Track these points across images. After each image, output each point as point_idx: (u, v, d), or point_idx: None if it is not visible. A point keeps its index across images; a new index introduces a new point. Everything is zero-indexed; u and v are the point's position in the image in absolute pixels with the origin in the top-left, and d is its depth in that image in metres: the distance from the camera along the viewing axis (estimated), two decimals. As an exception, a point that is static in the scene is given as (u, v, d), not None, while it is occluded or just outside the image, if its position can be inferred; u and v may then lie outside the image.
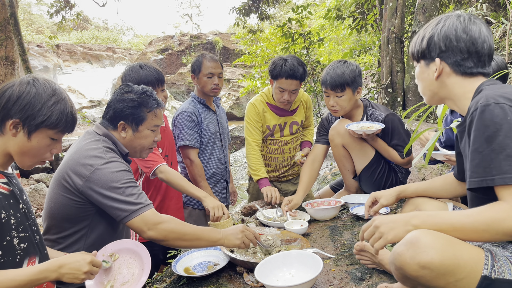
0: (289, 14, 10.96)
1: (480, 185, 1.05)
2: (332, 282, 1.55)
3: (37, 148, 1.28)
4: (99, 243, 1.60)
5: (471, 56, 1.21)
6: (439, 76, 1.26)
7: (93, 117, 16.31)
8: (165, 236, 1.52)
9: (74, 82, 19.66)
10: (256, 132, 2.67)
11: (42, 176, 7.99)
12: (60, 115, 1.27)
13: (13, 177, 1.31)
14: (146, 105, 1.68)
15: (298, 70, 2.46)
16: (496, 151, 1.01)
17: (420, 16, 4.60)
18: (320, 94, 8.90)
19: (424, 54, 1.29)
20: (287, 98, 2.54)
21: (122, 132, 1.68)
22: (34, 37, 27.00)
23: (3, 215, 1.18)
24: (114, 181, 1.49)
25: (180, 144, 2.60)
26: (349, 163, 2.60)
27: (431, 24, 1.29)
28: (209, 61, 2.66)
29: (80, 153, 1.55)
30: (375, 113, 2.45)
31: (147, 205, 1.53)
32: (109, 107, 1.69)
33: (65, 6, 11.29)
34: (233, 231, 1.65)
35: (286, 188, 2.94)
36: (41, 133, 1.27)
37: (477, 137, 1.06)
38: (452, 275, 0.97)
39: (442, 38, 1.22)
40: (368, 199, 1.69)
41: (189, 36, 23.87)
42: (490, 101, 1.05)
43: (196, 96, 2.75)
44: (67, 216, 1.55)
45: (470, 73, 1.22)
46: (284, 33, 7.95)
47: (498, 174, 1.00)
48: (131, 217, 1.49)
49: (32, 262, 1.29)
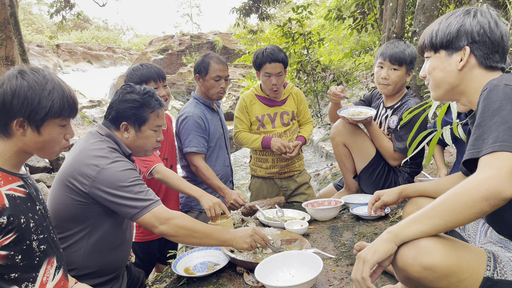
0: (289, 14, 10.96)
1: (474, 155, 1.01)
2: (332, 282, 1.54)
3: (51, 140, 1.27)
4: (102, 241, 1.60)
5: (498, 50, 1.20)
6: (464, 66, 1.22)
7: (93, 117, 16.31)
8: (176, 231, 1.52)
9: (74, 82, 19.64)
10: (244, 123, 2.84)
11: (42, 176, 7.99)
12: (60, 101, 1.25)
13: (28, 178, 1.30)
14: (148, 106, 1.67)
15: (279, 54, 2.65)
16: (497, 123, 0.99)
17: (421, 16, 4.60)
18: (320, 94, 8.91)
19: (450, 43, 1.22)
20: (275, 82, 2.68)
21: (125, 133, 1.67)
22: (34, 37, 27.01)
23: (23, 220, 1.17)
24: (122, 180, 1.49)
25: (187, 151, 2.51)
26: (350, 162, 2.60)
27: (450, 17, 1.24)
28: (217, 63, 2.57)
29: (85, 153, 1.54)
30: (410, 101, 2.43)
31: (156, 201, 1.54)
32: (111, 107, 1.68)
33: (65, 6, 11.29)
34: (242, 233, 1.66)
35: (287, 185, 2.94)
36: (49, 124, 1.25)
37: (482, 113, 1.05)
38: (455, 276, 0.97)
39: (475, 28, 1.19)
40: (372, 197, 1.69)
41: (189, 36, 23.88)
42: (501, 83, 1.06)
43: (200, 98, 2.65)
44: (71, 216, 1.54)
45: (494, 67, 1.21)
46: (284, 33, 7.94)
47: (494, 142, 0.97)
48: (142, 213, 1.49)
49: (51, 263, 1.28)
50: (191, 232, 1.54)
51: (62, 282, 1.32)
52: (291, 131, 2.87)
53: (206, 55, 2.66)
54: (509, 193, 0.91)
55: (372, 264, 1.02)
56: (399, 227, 1.02)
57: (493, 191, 0.91)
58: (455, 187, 0.98)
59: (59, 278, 1.31)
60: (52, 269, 1.28)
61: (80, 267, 1.57)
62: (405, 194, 1.60)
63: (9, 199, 1.15)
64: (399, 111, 2.45)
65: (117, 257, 1.69)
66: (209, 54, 2.67)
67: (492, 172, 0.93)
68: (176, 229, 1.52)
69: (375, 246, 1.04)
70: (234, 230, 1.67)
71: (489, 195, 0.91)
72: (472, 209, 0.93)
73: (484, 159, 0.98)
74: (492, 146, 0.97)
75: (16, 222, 1.15)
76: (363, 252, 1.06)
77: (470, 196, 0.93)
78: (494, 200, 0.91)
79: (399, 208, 2.34)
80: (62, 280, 1.32)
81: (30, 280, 1.20)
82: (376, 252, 1.02)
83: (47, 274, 1.25)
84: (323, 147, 6.47)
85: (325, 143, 6.63)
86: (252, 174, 3.03)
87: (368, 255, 1.03)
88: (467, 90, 1.23)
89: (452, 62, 1.23)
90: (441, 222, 0.97)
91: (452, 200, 0.96)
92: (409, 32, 5.20)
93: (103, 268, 1.63)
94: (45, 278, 1.24)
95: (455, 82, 1.24)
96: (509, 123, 0.98)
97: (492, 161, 0.95)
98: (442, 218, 0.97)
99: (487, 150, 0.98)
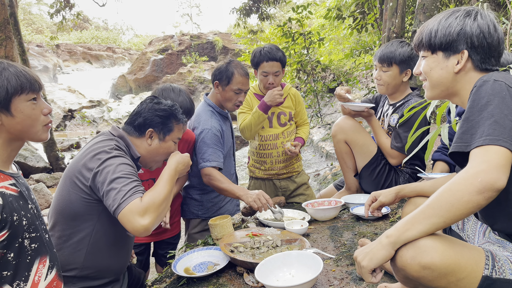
0: (289, 14, 10.96)
1: (462, 149, 1.03)
2: (333, 282, 1.55)
3: (27, 117, 1.27)
4: (104, 242, 1.60)
5: (494, 55, 1.21)
6: (460, 70, 1.22)
7: (93, 117, 16.32)
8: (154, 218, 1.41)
9: (74, 82, 19.68)
10: (247, 114, 2.79)
11: (42, 176, 7.99)
12: (16, 77, 1.25)
13: (19, 177, 1.31)
14: (175, 117, 1.77)
15: (277, 53, 2.64)
16: (484, 118, 1.02)
17: (421, 16, 4.60)
18: (320, 94, 8.91)
19: (449, 46, 1.22)
20: (272, 81, 2.67)
21: (149, 140, 1.73)
22: (34, 37, 27.02)
23: (15, 218, 1.18)
24: (115, 172, 1.48)
25: (206, 166, 2.31)
26: (351, 160, 2.61)
27: (450, 17, 1.23)
28: (241, 76, 2.41)
29: (91, 149, 1.58)
30: (411, 100, 2.45)
31: (135, 193, 1.44)
32: (138, 114, 1.74)
33: (65, 6, 11.30)
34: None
35: (286, 185, 2.94)
36: (17, 103, 1.25)
37: (470, 108, 1.07)
38: (453, 275, 0.97)
39: (475, 32, 1.19)
40: (368, 198, 1.69)
41: (189, 36, 23.89)
42: (491, 79, 1.08)
43: (215, 106, 2.50)
44: (75, 213, 1.55)
45: (488, 70, 1.22)
46: (284, 33, 7.95)
47: (482, 136, 1.00)
48: (120, 209, 1.39)
49: (43, 262, 1.28)
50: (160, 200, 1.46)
51: (55, 282, 1.32)
52: (289, 132, 2.87)
53: (230, 62, 2.47)
54: (501, 184, 0.94)
55: (370, 270, 1.04)
56: (398, 230, 1.02)
57: (486, 183, 0.94)
58: (448, 183, 0.99)
59: (51, 278, 1.30)
60: (44, 269, 1.28)
61: (81, 268, 1.57)
62: (402, 194, 1.60)
63: (1, 196, 1.15)
64: (400, 109, 2.46)
65: (119, 258, 1.70)
66: (233, 61, 2.49)
67: (482, 165, 0.96)
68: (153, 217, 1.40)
69: (372, 252, 1.05)
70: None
71: (482, 188, 0.94)
72: (469, 204, 0.95)
73: (474, 153, 1.00)
74: (480, 140, 0.99)
75: (9, 219, 1.15)
76: (360, 256, 1.07)
77: (465, 191, 0.95)
78: (488, 192, 0.94)
79: (399, 208, 2.34)
80: (55, 280, 1.32)
81: (22, 279, 1.20)
82: (373, 259, 1.04)
83: (39, 273, 1.25)
84: (323, 147, 6.47)
85: (325, 143, 6.63)
86: (251, 176, 3.02)
87: (364, 261, 1.05)
88: (461, 92, 1.25)
89: (449, 65, 1.24)
90: (440, 221, 0.98)
91: (448, 197, 0.97)
92: (409, 32, 5.20)
93: (104, 269, 1.63)
94: (37, 278, 1.24)
95: (451, 83, 1.25)
96: (495, 117, 1.00)
97: (482, 155, 0.98)
98: (440, 216, 0.98)
99: (475, 144, 1.00)
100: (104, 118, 16.35)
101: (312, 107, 9.01)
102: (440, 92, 1.29)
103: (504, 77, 1.08)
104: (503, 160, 0.96)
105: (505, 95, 1.03)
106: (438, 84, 1.28)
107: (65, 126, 16.00)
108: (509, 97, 1.02)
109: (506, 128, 0.98)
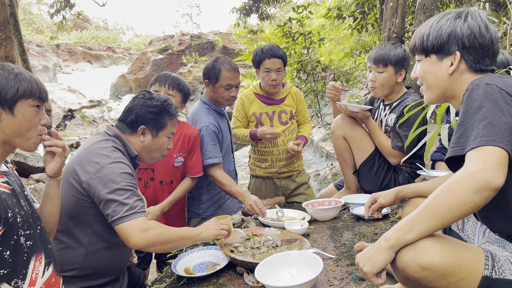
0: (290, 13, 10.96)
1: (458, 153, 1.03)
2: (333, 282, 1.55)
3: (26, 121, 1.28)
4: (104, 242, 1.60)
5: (488, 55, 1.21)
6: (454, 71, 1.23)
7: (93, 117, 16.31)
8: (154, 241, 1.46)
9: (74, 82, 19.66)
10: (239, 121, 2.88)
11: (42, 176, 7.98)
12: (28, 82, 1.28)
13: (11, 175, 1.31)
14: (168, 113, 1.76)
15: (278, 50, 2.68)
16: (478, 120, 1.02)
17: (421, 16, 4.60)
18: (320, 94, 8.91)
19: (441, 48, 1.23)
20: (274, 77, 2.68)
21: (141, 136, 1.73)
22: (34, 37, 27.02)
23: (10, 214, 1.18)
24: (116, 182, 1.48)
25: (208, 163, 2.40)
26: (350, 156, 2.63)
27: (441, 20, 1.24)
28: (228, 71, 2.43)
29: (89, 151, 1.57)
30: (408, 99, 2.45)
31: (139, 212, 1.48)
32: (130, 111, 1.73)
33: (65, 6, 11.30)
34: (208, 224, 1.72)
35: (286, 184, 2.94)
36: (21, 105, 1.27)
37: (464, 112, 1.07)
38: (453, 275, 0.97)
39: (466, 33, 1.19)
40: (368, 200, 1.69)
41: (189, 36, 23.86)
42: (482, 82, 1.08)
43: (210, 104, 2.55)
44: (72, 213, 1.56)
45: (483, 70, 1.22)
46: (284, 33, 7.95)
47: (477, 138, 0.99)
48: (121, 221, 1.44)
49: (39, 259, 1.28)
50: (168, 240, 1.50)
51: (53, 278, 1.32)
52: (290, 131, 2.87)
53: (217, 59, 2.49)
54: (497, 182, 0.92)
55: (373, 275, 1.04)
56: (396, 233, 1.02)
57: (482, 183, 0.92)
58: (444, 184, 0.99)
59: (49, 274, 1.31)
60: (41, 266, 1.28)
61: (81, 268, 1.57)
62: (402, 195, 1.60)
63: None
64: (397, 108, 2.47)
65: (118, 258, 1.70)
66: (219, 58, 2.51)
67: (478, 165, 0.95)
68: (153, 239, 1.46)
69: (372, 257, 1.05)
70: (202, 224, 1.73)
71: (479, 188, 0.93)
72: (466, 204, 0.94)
73: (469, 155, 1.00)
74: (475, 142, 0.99)
75: (3, 216, 1.15)
76: (361, 262, 1.07)
77: (461, 191, 0.94)
78: (485, 191, 0.93)
79: (399, 208, 2.34)
80: (53, 276, 1.32)
81: (19, 277, 1.20)
82: (375, 264, 1.04)
83: (36, 270, 1.26)
84: (323, 147, 6.47)
85: (325, 143, 6.63)
86: (251, 174, 3.04)
87: (366, 266, 1.05)
88: (458, 94, 1.25)
89: (443, 67, 1.25)
90: (438, 222, 0.98)
91: (445, 198, 0.97)
92: (410, 32, 5.19)
93: (103, 269, 1.63)
94: (34, 275, 1.25)
95: (446, 86, 1.26)
96: (489, 118, 1.00)
97: (477, 155, 0.97)
98: (438, 218, 0.97)
99: (471, 146, 1.00)
100: (104, 118, 16.34)
101: (312, 107, 9.01)
102: (437, 95, 1.30)
103: (496, 80, 1.08)
104: (499, 159, 0.95)
105: (497, 98, 1.03)
106: (434, 86, 1.29)
107: (65, 126, 16.00)
108: (501, 100, 1.03)
109: (500, 129, 0.98)
